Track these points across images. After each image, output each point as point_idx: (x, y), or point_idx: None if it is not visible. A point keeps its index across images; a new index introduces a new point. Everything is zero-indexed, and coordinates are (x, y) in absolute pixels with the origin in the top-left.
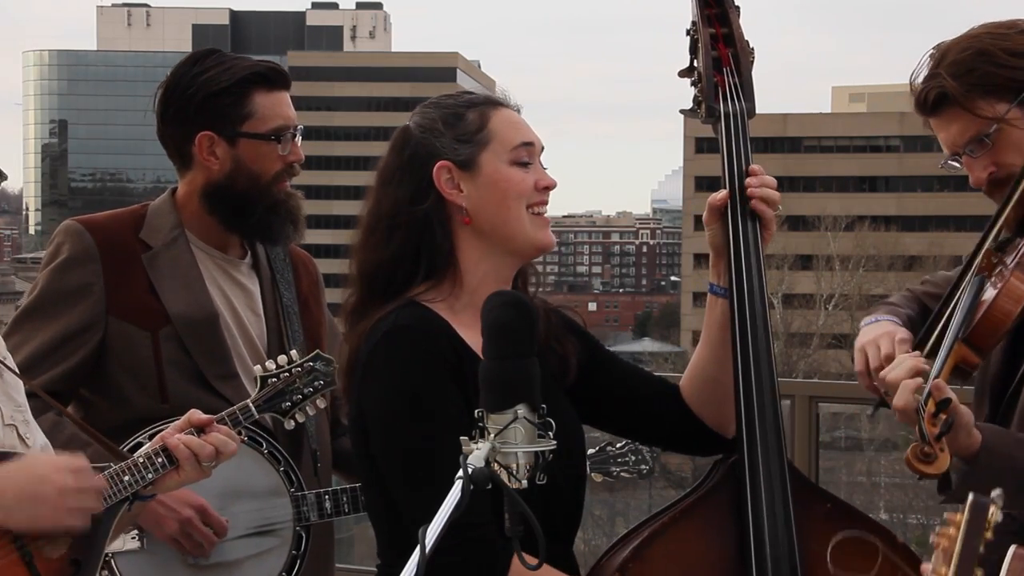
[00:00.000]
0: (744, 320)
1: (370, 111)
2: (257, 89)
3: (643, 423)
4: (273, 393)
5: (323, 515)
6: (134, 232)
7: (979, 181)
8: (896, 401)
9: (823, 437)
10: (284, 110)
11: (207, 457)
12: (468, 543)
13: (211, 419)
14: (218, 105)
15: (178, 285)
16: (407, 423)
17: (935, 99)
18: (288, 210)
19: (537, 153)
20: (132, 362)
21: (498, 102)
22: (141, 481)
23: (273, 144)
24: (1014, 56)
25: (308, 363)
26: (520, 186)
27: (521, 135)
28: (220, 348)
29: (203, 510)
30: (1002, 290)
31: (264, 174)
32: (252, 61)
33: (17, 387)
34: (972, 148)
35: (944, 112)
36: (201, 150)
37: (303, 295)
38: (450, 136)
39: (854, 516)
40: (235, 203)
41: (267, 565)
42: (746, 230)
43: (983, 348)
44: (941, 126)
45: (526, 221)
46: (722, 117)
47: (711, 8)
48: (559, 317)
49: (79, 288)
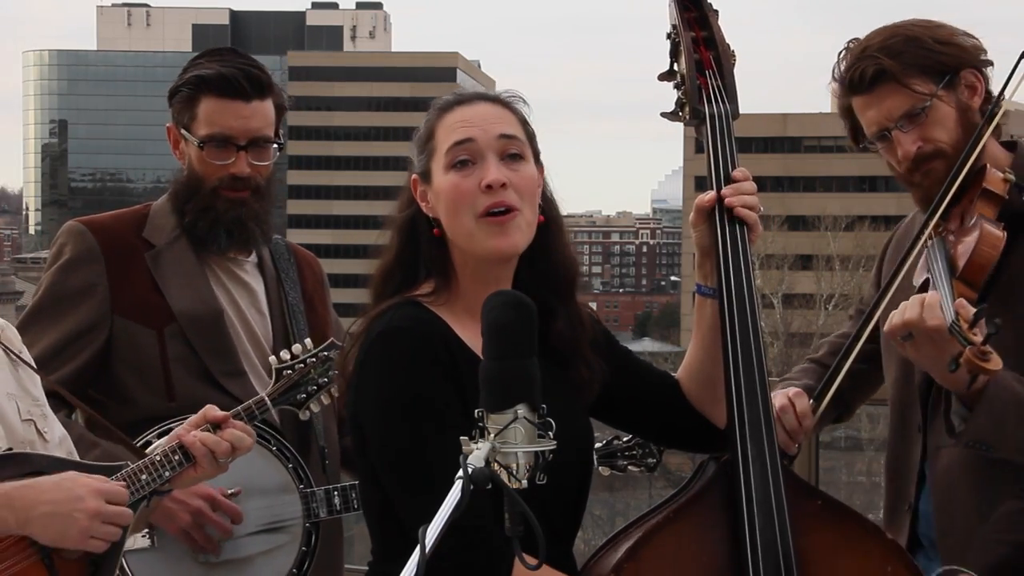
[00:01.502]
0: (733, 321)
1: (370, 111)
2: (207, 94)
3: (648, 420)
4: (289, 385)
5: (332, 511)
6: (137, 231)
7: (907, 155)
8: (928, 323)
9: (823, 437)
10: (227, 119)
11: (223, 453)
12: (469, 547)
13: (227, 415)
14: (175, 101)
15: (182, 283)
16: (400, 425)
17: (873, 75)
18: (221, 218)
19: (484, 148)
20: (138, 361)
21: (457, 102)
22: (159, 479)
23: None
24: (941, 44)
25: (323, 352)
26: (456, 193)
27: (455, 134)
28: (226, 345)
29: (213, 500)
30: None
31: (206, 178)
32: (222, 64)
33: (35, 381)
34: (903, 123)
35: (879, 88)
36: (170, 141)
37: (308, 294)
38: (416, 146)
39: (845, 513)
40: (181, 199)
41: (278, 562)
42: (732, 231)
43: (976, 282)
44: (873, 103)
45: (474, 231)
46: (707, 119)
47: (690, 12)
48: (603, 333)
49: (83, 288)
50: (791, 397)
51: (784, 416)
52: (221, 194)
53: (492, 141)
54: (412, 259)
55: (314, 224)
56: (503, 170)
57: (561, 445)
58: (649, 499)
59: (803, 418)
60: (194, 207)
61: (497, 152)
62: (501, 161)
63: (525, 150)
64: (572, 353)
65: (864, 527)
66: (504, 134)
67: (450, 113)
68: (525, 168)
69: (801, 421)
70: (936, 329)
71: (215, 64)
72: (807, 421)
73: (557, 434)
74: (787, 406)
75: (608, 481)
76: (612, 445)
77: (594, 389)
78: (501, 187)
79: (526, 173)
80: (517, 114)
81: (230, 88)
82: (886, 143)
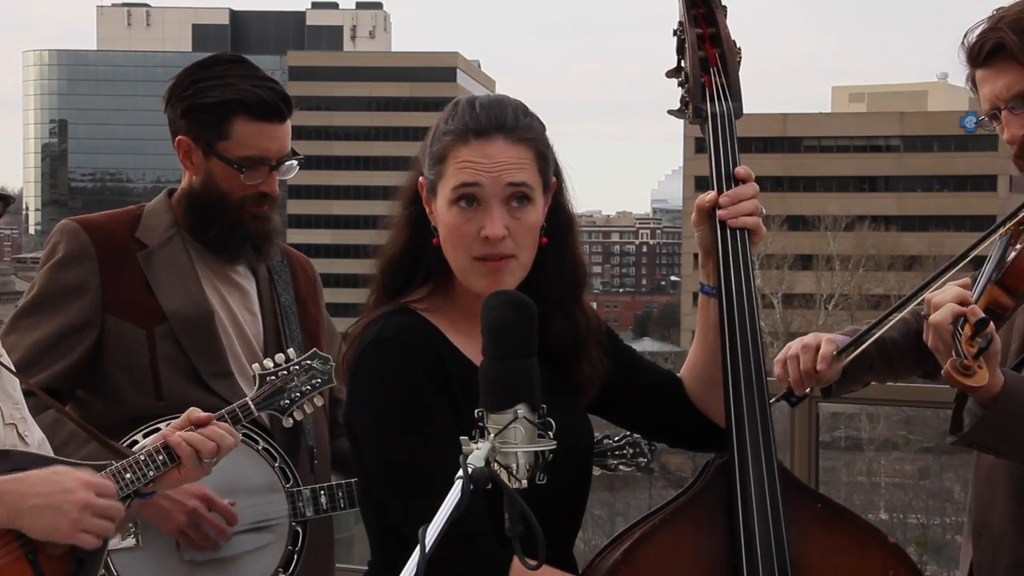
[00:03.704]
0: (732, 321)
1: (370, 111)
2: (240, 115)
3: (650, 418)
4: (272, 391)
5: (319, 510)
6: (130, 231)
7: (1013, 139)
8: (933, 317)
9: (823, 437)
10: (263, 142)
11: (208, 453)
12: (464, 557)
13: (211, 417)
14: (199, 119)
15: (174, 283)
16: (392, 435)
17: (991, 49)
18: (250, 233)
19: (490, 196)
20: (128, 360)
21: (475, 133)
22: (143, 479)
23: (241, 172)
24: None
25: (306, 361)
26: (456, 233)
27: (463, 175)
28: (215, 346)
29: (208, 499)
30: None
31: (232, 194)
32: (252, 84)
33: (14, 384)
34: (1015, 104)
35: (995, 63)
36: (180, 152)
37: (301, 296)
38: (429, 152)
39: (844, 516)
40: (200, 213)
41: (263, 561)
42: (733, 232)
43: (1016, 290)
44: (989, 78)
45: (467, 269)
46: (709, 118)
47: (697, 8)
48: (607, 332)
49: (75, 286)
50: (818, 342)
51: (804, 355)
52: (248, 210)
53: (499, 189)
54: (414, 257)
55: (314, 224)
56: (506, 218)
57: (560, 446)
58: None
59: (821, 361)
60: (220, 223)
61: (503, 199)
62: (506, 205)
63: (533, 193)
64: (576, 352)
65: (864, 530)
66: (513, 182)
67: (465, 146)
68: (528, 214)
69: (817, 365)
70: (936, 325)
71: (245, 83)
72: (823, 366)
73: (556, 435)
74: (810, 346)
75: (608, 481)
76: (603, 444)
77: (594, 388)
78: (500, 239)
79: (528, 219)
80: (534, 149)
81: (269, 111)
82: (998, 123)
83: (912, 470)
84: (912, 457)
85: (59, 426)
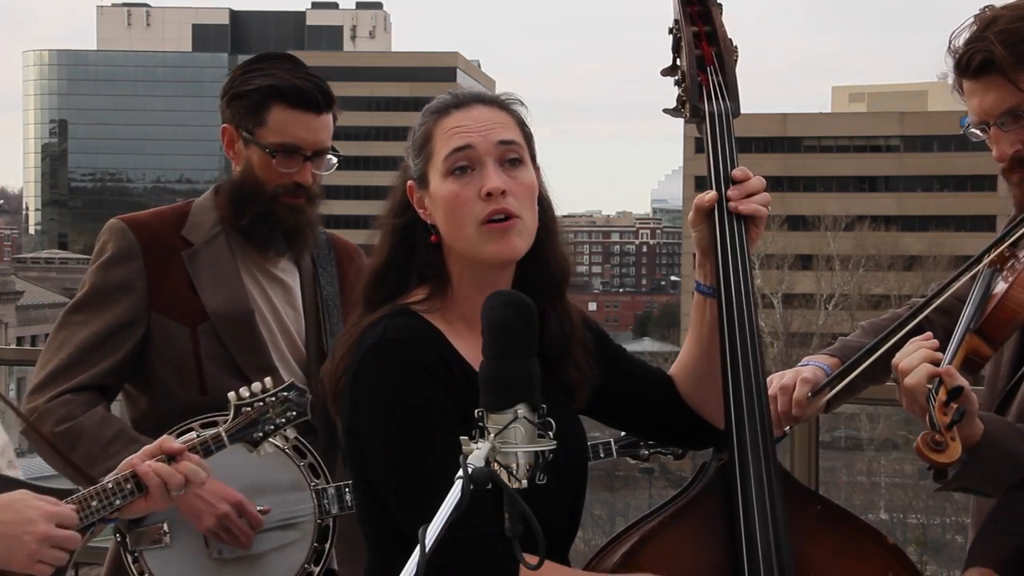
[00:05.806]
0: (732, 322)
1: (370, 111)
2: (276, 102)
3: (643, 418)
4: (246, 423)
5: (344, 507)
6: (176, 229)
7: (1003, 156)
8: (907, 381)
9: (823, 437)
10: (298, 131)
11: (176, 486)
12: (469, 560)
13: (183, 447)
14: (239, 105)
15: (216, 281)
16: (396, 437)
17: (980, 63)
18: (281, 223)
19: (484, 155)
20: (173, 356)
21: (454, 105)
22: (109, 507)
23: (276, 159)
24: None
25: (282, 393)
26: (456, 201)
27: (453, 141)
28: (256, 343)
29: (240, 505)
30: (1016, 280)
31: (267, 182)
32: (293, 75)
33: None
34: (1004, 121)
35: (985, 78)
36: (223, 140)
37: (347, 286)
38: (412, 150)
39: (845, 517)
40: (237, 201)
41: (290, 558)
42: (732, 231)
43: (995, 339)
44: (977, 91)
45: (475, 237)
46: (706, 116)
47: (693, 6)
48: (594, 333)
49: (123, 284)
50: (794, 382)
51: (781, 396)
52: (281, 200)
53: (491, 147)
54: (405, 264)
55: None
56: (503, 176)
57: (557, 453)
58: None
59: (795, 405)
60: (253, 211)
61: (496, 158)
62: (500, 167)
63: (524, 154)
64: (562, 355)
65: (864, 531)
66: (503, 140)
67: (447, 117)
68: (524, 174)
69: (793, 410)
70: (910, 391)
71: (286, 74)
72: (797, 411)
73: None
74: (787, 387)
75: (608, 481)
76: (629, 437)
77: (585, 391)
78: (501, 194)
79: (525, 179)
80: (515, 116)
81: (305, 100)
82: (987, 135)
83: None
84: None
85: (106, 424)
